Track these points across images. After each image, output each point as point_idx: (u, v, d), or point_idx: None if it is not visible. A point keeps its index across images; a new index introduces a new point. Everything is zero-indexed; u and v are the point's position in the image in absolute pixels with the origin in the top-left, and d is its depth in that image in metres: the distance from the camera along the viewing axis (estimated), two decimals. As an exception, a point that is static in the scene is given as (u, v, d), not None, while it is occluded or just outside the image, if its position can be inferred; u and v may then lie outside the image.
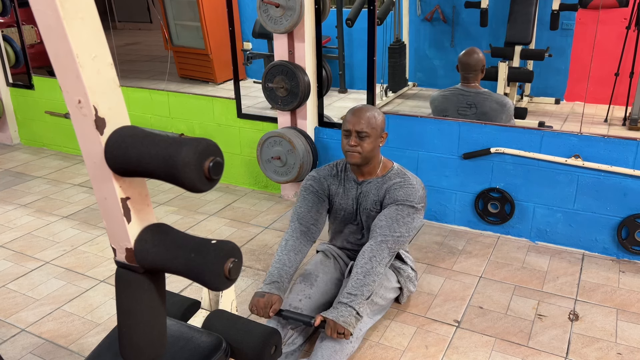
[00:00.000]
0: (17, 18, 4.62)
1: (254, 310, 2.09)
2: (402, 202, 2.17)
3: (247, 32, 5.35)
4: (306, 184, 2.35)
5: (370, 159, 2.21)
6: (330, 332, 1.97)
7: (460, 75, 3.21)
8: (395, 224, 2.13)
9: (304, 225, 2.29)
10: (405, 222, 2.14)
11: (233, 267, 1.02)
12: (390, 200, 2.20)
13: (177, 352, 1.33)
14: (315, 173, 2.37)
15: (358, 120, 2.14)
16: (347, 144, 2.17)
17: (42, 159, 4.68)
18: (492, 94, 3.19)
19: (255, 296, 2.10)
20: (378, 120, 2.17)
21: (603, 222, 2.85)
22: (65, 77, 0.94)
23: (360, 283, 2.05)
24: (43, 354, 2.27)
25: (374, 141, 2.17)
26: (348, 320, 1.98)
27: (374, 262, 2.08)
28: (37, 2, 0.90)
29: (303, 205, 2.31)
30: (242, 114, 3.77)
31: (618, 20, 4.03)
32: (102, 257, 3.03)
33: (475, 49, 3.18)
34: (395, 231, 2.12)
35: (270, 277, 2.16)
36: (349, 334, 1.98)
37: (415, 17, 4.89)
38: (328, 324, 1.99)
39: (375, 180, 2.27)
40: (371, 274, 2.06)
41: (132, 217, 1.03)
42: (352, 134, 2.15)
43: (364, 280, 2.05)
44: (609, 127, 3.91)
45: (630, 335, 2.28)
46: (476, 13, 4.40)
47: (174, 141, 0.92)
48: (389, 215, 2.15)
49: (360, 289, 2.04)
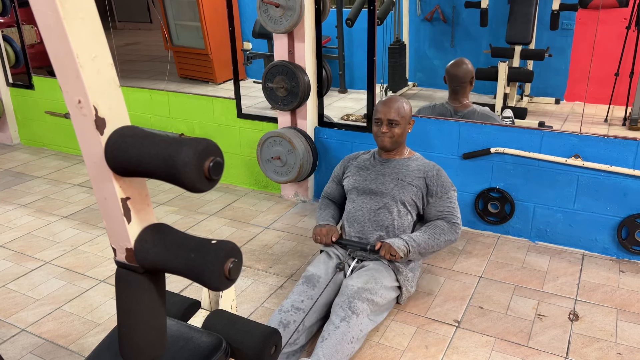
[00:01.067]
0: (17, 18, 4.62)
1: (317, 239, 2.46)
2: (449, 189, 2.46)
3: (247, 32, 5.35)
4: (335, 169, 2.73)
5: (400, 144, 2.48)
6: (385, 252, 2.29)
7: (448, 87, 3.15)
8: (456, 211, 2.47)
9: (330, 198, 2.72)
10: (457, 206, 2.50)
11: (233, 267, 1.02)
12: (437, 187, 2.44)
13: (177, 352, 1.33)
14: (348, 155, 2.71)
15: (389, 109, 2.40)
16: (379, 130, 2.44)
17: (42, 159, 4.68)
18: (476, 110, 3.12)
19: (317, 227, 2.50)
20: (406, 110, 2.44)
21: (603, 222, 2.85)
22: (65, 77, 0.94)
23: (423, 238, 2.36)
24: (43, 354, 2.27)
25: (403, 128, 2.45)
26: (401, 248, 2.29)
27: (442, 237, 2.39)
28: (37, 2, 0.90)
29: (329, 187, 2.74)
30: (242, 114, 3.78)
31: (618, 20, 4.03)
32: (102, 257, 3.03)
33: (464, 60, 3.10)
34: (457, 216, 2.46)
35: (323, 219, 2.57)
36: (399, 257, 2.28)
37: (415, 17, 4.89)
38: (384, 246, 2.30)
39: (401, 160, 2.52)
40: (434, 241, 2.37)
41: (132, 217, 1.03)
42: (384, 122, 2.42)
43: (428, 241, 2.36)
44: (609, 127, 3.91)
45: (630, 335, 2.28)
46: (476, 13, 4.40)
47: (174, 141, 0.93)
48: (449, 205, 2.45)
49: (419, 240, 2.35)
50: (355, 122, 3.82)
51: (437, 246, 2.40)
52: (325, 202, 2.71)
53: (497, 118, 3.20)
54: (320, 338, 2.07)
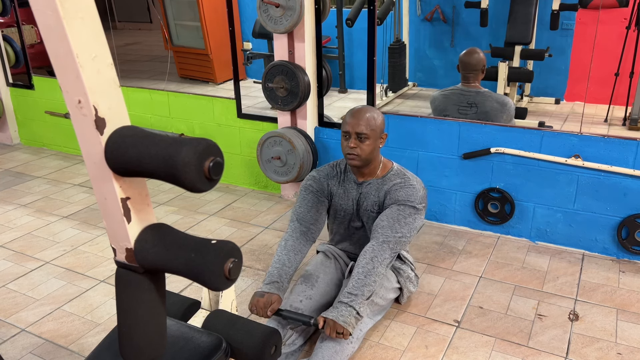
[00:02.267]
0: (17, 18, 4.62)
1: (253, 310, 2.09)
2: (403, 202, 2.16)
3: (247, 32, 5.35)
4: (306, 183, 2.34)
5: (370, 161, 2.20)
6: (330, 331, 1.97)
7: (461, 75, 3.21)
8: (397, 224, 2.12)
9: (303, 225, 2.28)
10: (407, 222, 2.14)
11: (233, 267, 1.02)
12: (391, 200, 2.19)
13: (177, 352, 1.33)
14: (315, 173, 2.36)
15: (357, 121, 2.13)
16: (347, 145, 2.15)
17: (42, 159, 4.68)
18: (492, 93, 3.19)
19: (255, 296, 2.11)
20: (377, 122, 2.15)
21: (603, 222, 2.85)
22: (65, 77, 0.94)
23: (361, 283, 2.04)
24: (43, 354, 2.27)
25: (373, 142, 2.15)
26: (348, 320, 1.98)
27: (376, 262, 2.07)
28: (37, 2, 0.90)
29: (303, 205, 2.30)
30: (242, 114, 3.77)
31: (618, 20, 4.03)
32: (102, 257, 3.03)
33: (476, 49, 3.18)
34: (397, 231, 2.11)
35: (270, 277, 2.16)
36: (348, 334, 1.97)
37: (415, 17, 4.89)
38: (327, 324, 1.98)
39: (375, 181, 2.26)
40: (372, 274, 2.05)
41: (132, 217, 1.03)
42: (352, 136, 2.13)
43: (365, 280, 2.04)
44: (609, 127, 3.90)
45: (630, 335, 2.28)
46: (476, 13, 4.40)
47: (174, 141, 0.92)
48: (391, 216, 2.14)
49: (361, 289, 2.03)
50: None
51: (380, 276, 2.10)
52: (293, 237, 2.26)
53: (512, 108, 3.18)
54: (320, 338, 2.07)
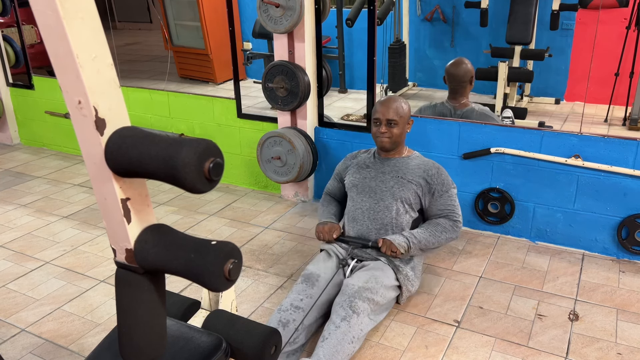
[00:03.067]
0: (17, 18, 4.62)
1: (320, 236, 2.48)
2: (450, 186, 2.47)
3: (247, 32, 5.35)
4: (337, 166, 2.73)
5: (399, 144, 2.48)
6: (385, 249, 2.30)
7: (448, 87, 3.15)
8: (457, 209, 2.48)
9: (332, 196, 2.74)
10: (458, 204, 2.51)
11: (233, 267, 1.02)
12: (438, 185, 2.45)
13: (177, 352, 1.33)
14: (350, 154, 2.72)
15: (387, 109, 2.40)
16: (378, 130, 2.43)
17: (42, 159, 4.68)
18: (475, 108, 3.13)
19: (319, 224, 2.51)
20: (405, 109, 2.44)
21: (603, 222, 2.85)
22: (65, 77, 0.94)
23: (423, 235, 2.38)
24: (43, 354, 2.27)
25: (402, 128, 2.44)
26: (402, 244, 2.30)
27: (443, 235, 2.41)
28: (37, 2, 0.90)
29: (332, 184, 2.75)
30: (242, 114, 3.77)
31: (618, 20, 4.03)
32: (102, 257, 3.03)
33: (463, 59, 3.11)
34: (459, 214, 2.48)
35: (325, 216, 2.59)
36: (400, 253, 2.30)
37: (415, 17, 4.89)
38: (384, 242, 2.31)
39: (400, 159, 2.52)
40: (435, 239, 2.39)
41: (132, 218, 1.03)
42: (382, 122, 2.41)
43: (428, 237, 2.38)
44: (609, 127, 3.91)
45: (630, 335, 2.28)
46: (476, 13, 4.40)
47: (174, 142, 0.92)
48: (450, 202, 2.46)
49: (421, 236, 2.37)
50: (355, 122, 3.82)
51: (438, 243, 2.41)
52: (327, 200, 2.73)
53: (495, 118, 3.20)
54: (321, 338, 2.07)
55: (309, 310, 2.19)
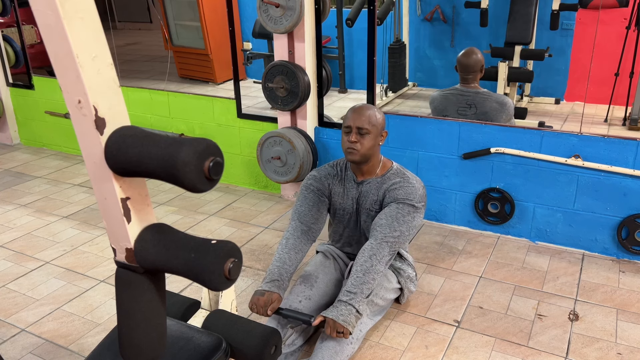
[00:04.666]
0: (17, 18, 4.62)
1: (253, 309, 2.09)
2: (402, 200, 2.17)
3: (247, 32, 5.35)
4: (307, 182, 2.35)
5: (370, 157, 2.22)
6: (330, 331, 1.96)
7: (459, 75, 3.21)
8: (396, 222, 2.13)
9: (304, 224, 2.28)
10: (406, 220, 2.14)
11: (233, 267, 1.02)
12: (390, 199, 2.20)
13: (177, 352, 1.33)
14: (315, 172, 2.37)
15: (359, 116, 2.17)
16: (348, 140, 2.18)
17: (42, 159, 4.68)
18: (491, 93, 3.19)
19: (255, 295, 2.11)
20: (378, 119, 2.20)
21: (603, 222, 2.85)
22: (65, 77, 0.94)
23: (359, 281, 2.05)
24: (43, 354, 2.27)
25: (374, 139, 2.18)
26: (348, 319, 1.98)
27: (374, 261, 2.08)
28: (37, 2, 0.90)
29: (304, 204, 2.31)
30: (242, 114, 3.77)
31: (618, 20, 4.03)
32: (102, 257, 3.03)
33: (474, 49, 3.17)
34: (395, 230, 2.12)
35: (271, 275, 2.16)
36: (348, 333, 1.97)
37: (415, 17, 4.89)
38: (327, 323, 1.98)
39: (374, 180, 2.27)
40: (371, 272, 2.06)
41: (132, 217, 1.03)
42: (353, 130, 2.17)
43: (364, 278, 2.05)
44: (609, 127, 3.91)
45: (630, 335, 2.28)
46: (476, 13, 4.40)
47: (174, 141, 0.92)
48: (389, 214, 2.15)
49: (359, 287, 2.04)
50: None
51: (380, 275, 2.11)
52: (292, 237, 2.26)
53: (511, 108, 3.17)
54: (320, 338, 2.07)
55: (308, 311, 2.19)
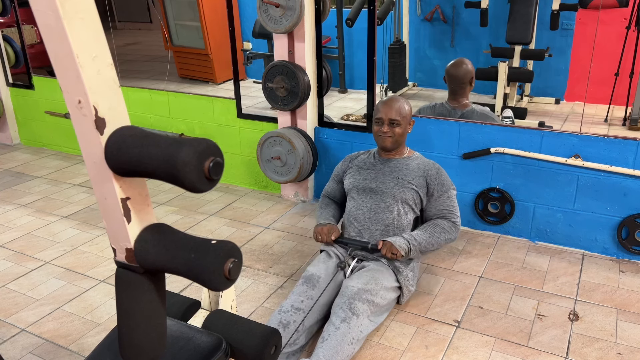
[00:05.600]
0: (17, 18, 4.62)
1: (318, 237, 2.45)
2: (449, 187, 2.47)
3: (247, 32, 5.35)
4: (336, 167, 2.72)
5: (400, 144, 2.49)
6: (386, 251, 2.29)
7: (448, 88, 3.14)
8: (456, 209, 2.48)
9: (331, 197, 2.72)
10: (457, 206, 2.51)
11: (233, 267, 1.03)
12: (438, 185, 2.45)
13: (177, 352, 1.33)
14: (349, 155, 2.70)
15: (389, 109, 2.42)
16: (380, 130, 2.44)
17: (42, 159, 4.68)
18: (475, 109, 3.12)
19: (317, 226, 2.49)
20: (407, 110, 2.46)
21: (603, 222, 2.85)
22: (65, 77, 0.94)
23: (423, 236, 2.37)
24: (43, 354, 2.27)
25: (404, 128, 2.46)
26: (403, 246, 2.30)
27: (442, 236, 2.41)
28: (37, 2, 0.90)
29: (330, 186, 2.73)
30: (242, 114, 3.78)
31: (618, 20, 4.03)
32: (102, 257, 3.03)
33: (463, 60, 3.09)
34: (457, 215, 2.48)
35: (324, 218, 2.56)
36: (401, 255, 2.29)
37: (415, 17, 4.89)
38: (385, 244, 2.30)
39: (400, 160, 2.52)
40: (435, 239, 2.39)
41: (132, 217, 1.03)
42: (385, 122, 2.42)
43: (429, 239, 2.38)
44: (609, 127, 3.91)
45: (630, 335, 2.28)
46: (476, 13, 4.41)
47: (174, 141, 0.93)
48: (449, 203, 2.46)
49: (421, 238, 2.36)
50: (355, 122, 3.82)
51: (438, 245, 2.42)
52: (326, 201, 2.72)
53: (496, 118, 3.20)
54: (321, 339, 2.07)
55: (309, 311, 2.19)
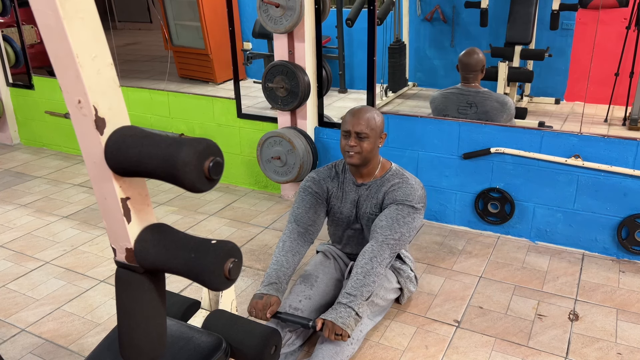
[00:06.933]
0: (17, 18, 4.62)
1: (252, 312, 2.08)
2: (401, 202, 2.16)
3: (247, 32, 5.35)
4: (305, 184, 2.34)
5: (369, 160, 2.21)
6: (328, 333, 1.95)
7: (460, 75, 3.21)
8: (396, 224, 2.12)
9: (301, 226, 2.27)
10: (406, 222, 2.13)
11: (233, 267, 1.03)
12: (389, 200, 2.19)
13: (177, 352, 1.33)
14: (314, 174, 2.36)
15: (357, 121, 2.14)
16: (347, 144, 2.16)
17: (42, 159, 4.68)
18: (492, 93, 3.19)
19: (254, 298, 2.10)
20: (377, 122, 2.17)
21: (603, 222, 2.85)
22: (65, 77, 0.94)
23: (359, 283, 2.04)
24: (43, 354, 2.27)
25: (373, 142, 2.17)
26: (347, 321, 1.96)
27: (375, 263, 2.06)
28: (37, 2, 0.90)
29: (301, 207, 2.30)
30: (242, 114, 3.77)
31: (618, 20, 4.03)
32: (102, 257, 3.03)
33: (475, 49, 3.18)
34: (396, 231, 2.11)
35: (268, 278, 2.15)
36: (347, 335, 1.95)
37: (415, 17, 4.89)
38: (326, 326, 1.97)
39: (374, 183, 2.26)
40: (371, 274, 2.05)
41: (132, 217, 1.03)
42: (352, 135, 2.15)
43: (364, 280, 2.04)
44: (609, 127, 3.91)
45: (630, 335, 2.28)
46: (476, 13, 4.40)
47: (174, 141, 0.93)
48: (390, 216, 2.14)
49: (359, 289, 2.03)
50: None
51: (380, 276, 2.10)
52: (290, 239, 2.26)
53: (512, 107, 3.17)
54: (320, 339, 2.07)
55: (307, 311, 2.19)
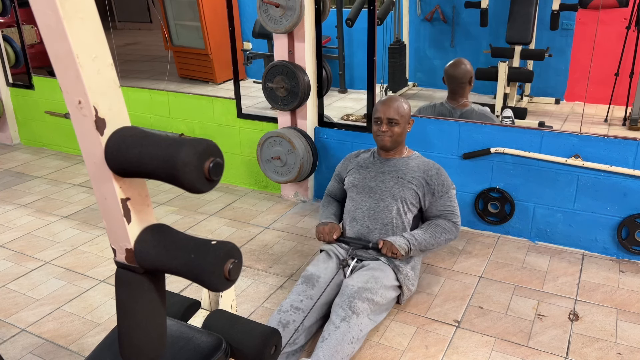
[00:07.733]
0: (17, 18, 4.62)
1: (319, 236, 2.49)
2: (450, 187, 2.49)
3: (247, 32, 5.35)
4: (337, 166, 2.74)
5: (399, 143, 2.49)
6: (386, 250, 2.32)
7: (447, 88, 3.14)
8: (456, 209, 2.50)
9: (332, 196, 2.75)
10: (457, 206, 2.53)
11: (233, 267, 1.03)
12: (443, 187, 2.46)
13: (177, 352, 1.33)
14: (350, 153, 2.73)
15: (388, 109, 2.43)
16: (379, 129, 2.45)
17: (42, 159, 4.68)
18: (474, 109, 3.12)
19: (319, 225, 2.53)
20: (405, 109, 2.46)
21: (603, 222, 2.85)
22: (65, 77, 0.94)
23: (423, 236, 2.39)
24: (43, 354, 2.27)
25: (402, 127, 2.46)
26: (403, 246, 2.32)
27: (442, 236, 2.43)
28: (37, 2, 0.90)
29: (332, 185, 2.76)
30: (242, 114, 3.77)
31: (618, 20, 4.03)
32: (102, 257, 3.03)
33: (462, 60, 3.08)
34: (457, 215, 2.50)
35: (326, 217, 2.60)
36: (401, 255, 2.31)
37: (415, 17, 4.89)
38: (385, 243, 2.33)
39: (400, 160, 2.53)
40: (435, 239, 2.41)
41: (132, 218, 1.03)
42: (384, 121, 2.44)
43: (429, 238, 2.40)
44: (609, 127, 3.91)
45: (630, 335, 2.28)
46: (476, 13, 4.40)
47: (174, 141, 0.93)
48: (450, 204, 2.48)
49: (421, 237, 2.38)
50: (355, 122, 3.82)
51: (438, 244, 2.43)
52: (328, 200, 2.74)
53: (494, 119, 3.20)
54: (321, 338, 2.07)
55: (309, 311, 2.19)
